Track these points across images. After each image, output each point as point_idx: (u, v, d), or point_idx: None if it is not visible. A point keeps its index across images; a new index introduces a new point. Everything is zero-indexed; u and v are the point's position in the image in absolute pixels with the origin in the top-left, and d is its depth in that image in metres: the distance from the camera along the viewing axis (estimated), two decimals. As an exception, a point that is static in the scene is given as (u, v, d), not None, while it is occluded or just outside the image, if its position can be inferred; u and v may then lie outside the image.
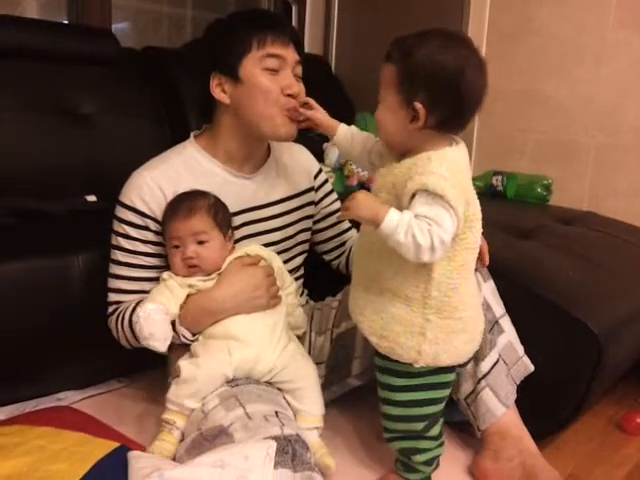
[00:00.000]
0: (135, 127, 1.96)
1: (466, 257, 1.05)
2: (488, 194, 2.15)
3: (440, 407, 1.13)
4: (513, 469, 1.18)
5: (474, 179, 2.18)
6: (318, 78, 2.40)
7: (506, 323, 1.28)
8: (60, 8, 2.23)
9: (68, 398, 1.43)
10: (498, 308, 1.27)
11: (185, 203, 1.21)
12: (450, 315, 1.05)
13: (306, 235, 1.46)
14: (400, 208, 0.98)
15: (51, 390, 1.44)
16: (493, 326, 1.24)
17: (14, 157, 1.67)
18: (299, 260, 1.46)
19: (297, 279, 1.46)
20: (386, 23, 2.41)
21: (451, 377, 1.13)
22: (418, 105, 0.98)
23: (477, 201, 1.04)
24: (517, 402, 1.25)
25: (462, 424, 1.31)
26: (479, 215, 1.05)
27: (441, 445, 1.16)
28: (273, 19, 1.29)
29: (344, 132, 1.26)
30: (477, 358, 1.22)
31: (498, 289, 1.28)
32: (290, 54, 1.25)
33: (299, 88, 1.26)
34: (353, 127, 1.28)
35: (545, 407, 1.31)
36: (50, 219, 1.53)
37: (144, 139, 1.94)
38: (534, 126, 2.21)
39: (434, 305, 1.04)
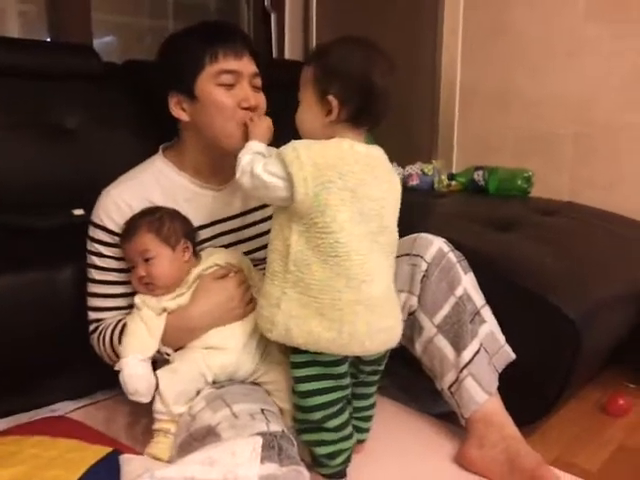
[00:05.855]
0: (120, 140, 1.98)
1: (319, 242, 1.05)
2: (470, 189, 2.17)
3: (331, 397, 1.12)
4: (497, 455, 1.20)
5: (456, 175, 2.22)
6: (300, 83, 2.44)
7: (487, 313, 1.31)
8: (41, 25, 2.27)
9: (62, 409, 1.45)
10: (478, 299, 1.30)
11: (130, 224, 1.22)
12: (303, 291, 1.07)
13: None
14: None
15: (46, 402, 1.46)
16: (474, 317, 1.28)
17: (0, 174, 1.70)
18: None
19: None
20: (363, 27, 2.44)
21: (341, 370, 1.12)
22: (331, 97, 1.07)
23: (351, 211, 1.05)
24: (500, 390, 1.28)
25: (444, 415, 1.34)
26: (345, 222, 1.05)
27: (346, 439, 1.14)
28: (225, 31, 1.27)
29: None
30: (458, 348, 1.26)
31: (478, 281, 1.31)
32: (245, 66, 1.24)
33: (257, 100, 1.25)
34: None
35: (527, 394, 1.34)
36: (37, 234, 1.55)
37: (129, 152, 1.93)
38: (512, 121, 2.24)
39: (291, 279, 1.08)
